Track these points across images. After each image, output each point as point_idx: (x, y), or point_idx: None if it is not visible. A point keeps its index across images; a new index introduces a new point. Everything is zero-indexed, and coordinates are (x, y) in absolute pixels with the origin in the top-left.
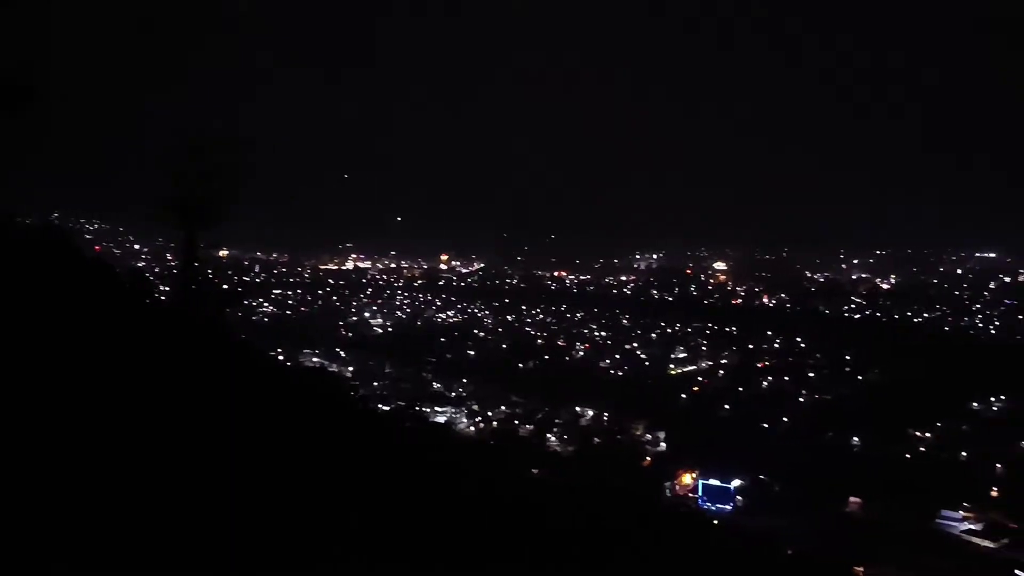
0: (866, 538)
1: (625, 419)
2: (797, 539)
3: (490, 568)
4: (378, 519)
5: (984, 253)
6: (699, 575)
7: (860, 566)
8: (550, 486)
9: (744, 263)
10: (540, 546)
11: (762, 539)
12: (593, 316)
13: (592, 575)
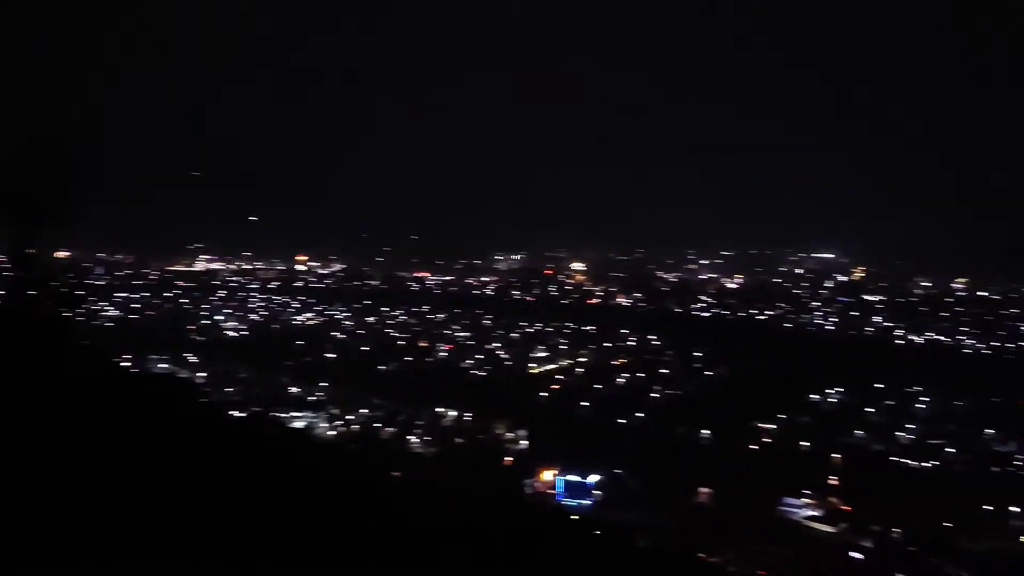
0: (715, 527)
1: (487, 419)
2: (651, 531)
3: (348, 572)
4: (231, 526)
5: (821, 254)
6: (556, 571)
7: (709, 555)
8: (409, 487)
9: (601, 264)
10: (398, 548)
11: (618, 532)
12: (455, 317)
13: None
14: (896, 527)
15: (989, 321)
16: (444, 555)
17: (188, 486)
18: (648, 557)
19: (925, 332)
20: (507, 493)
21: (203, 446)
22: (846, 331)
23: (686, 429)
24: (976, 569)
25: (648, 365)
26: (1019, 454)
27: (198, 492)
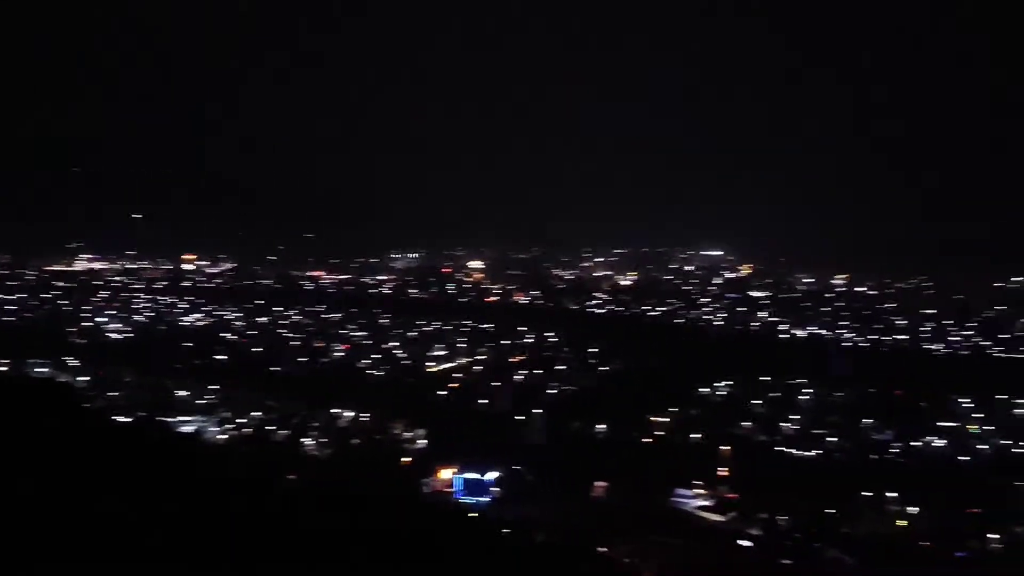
0: (610, 520)
1: (385, 419)
2: (548, 526)
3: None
4: (114, 531)
5: (709, 251)
6: (452, 569)
7: (604, 547)
8: (304, 490)
9: (498, 262)
10: (292, 550)
11: (515, 528)
12: (351, 316)
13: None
14: (782, 514)
15: (866, 315)
16: (339, 556)
17: (69, 492)
18: (545, 551)
19: (808, 326)
20: (404, 493)
21: (85, 453)
22: (734, 326)
23: (582, 424)
24: (856, 552)
25: (545, 362)
26: (895, 442)
27: (80, 498)
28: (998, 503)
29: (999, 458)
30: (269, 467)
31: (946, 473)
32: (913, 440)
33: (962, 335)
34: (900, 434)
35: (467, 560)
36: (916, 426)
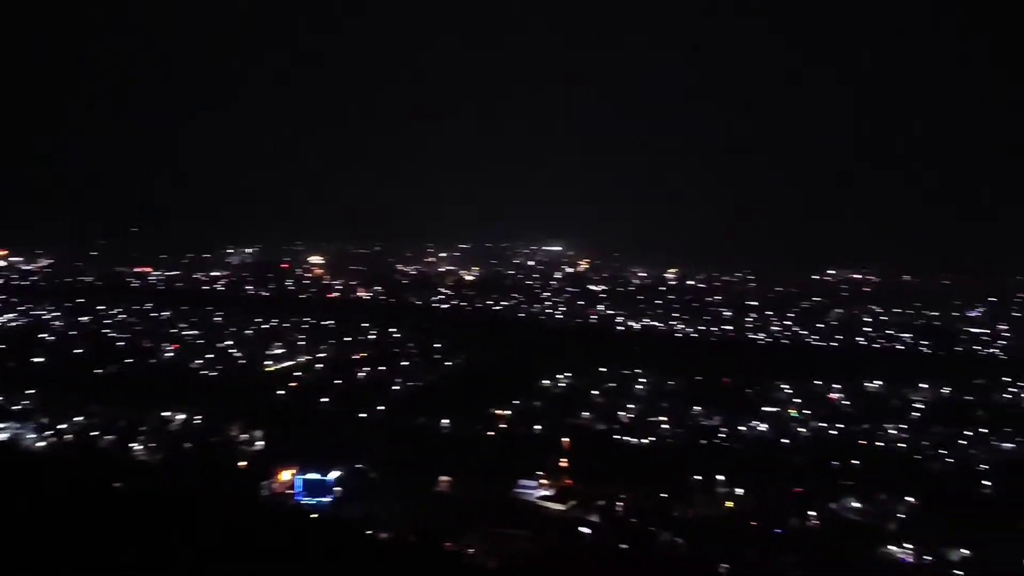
0: (455, 514)
1: (220, 421)
2: (393, 523)
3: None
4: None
5: (550, 247)
6: (292, 570)
7: (449, 542)
8: (131, 497)
9: (340, 258)
10: (120, 560)
11: (359, 527)
12: (182, 314)
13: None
14: (619, 501)
15: (696, 307)
16: (171, 563)
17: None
18: (389, 548)
19: (642, 319)
20: (240, 496)
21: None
22: (573, 319)
23: (427, 419)
24: (688, 534)
25: (389, 358)
26: (723, 427)
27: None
28: (816, 482)
29: (816, 440)
30: (91, 474)
31: (769, 456)
32: (739, 425)
33: (782, 325)
34: (727, 420)
35: (308, 561)
36: (742, 412)
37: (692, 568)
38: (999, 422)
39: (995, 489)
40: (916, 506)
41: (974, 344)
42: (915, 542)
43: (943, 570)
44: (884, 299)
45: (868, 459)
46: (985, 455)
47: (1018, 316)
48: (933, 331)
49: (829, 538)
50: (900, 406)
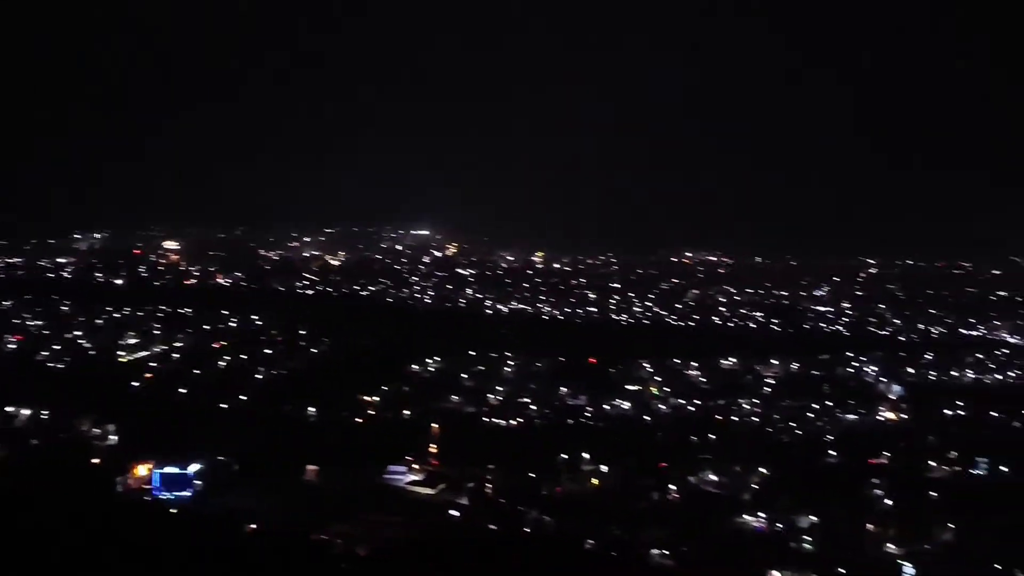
0: (323, 503)
1: (69, 415)
2: (258, 515)
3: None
4: None
5: (418, 230)
6: (151, 568)
7: (317, 531)
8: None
9: (198, 243)
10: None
11: (221, 520)
12: (25, 304)
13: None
14: (488, 483)
15: (562, 290)
16: (20, 565)
17: None
18: (254, 541)
19: (510, 302)
20: (93, 494)
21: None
22: (442, 303)
23: (292, 407)
24: (555, 512)
25: (251, 346)
26: (588, 407)
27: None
28: (676, 457)
29: (676, 416)
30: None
31: (632, 433)
32: (604, 404)
33: (643, 306)
34: (592, 399)
35: (166, 557)
36: (606, 391)
37: (559, 545)
38: (842, 395)
39: (839, 458)
40: (768, 476)
41: (820, 322)
42: (767, 511)
43: (793, 536)
44: (737, 280)
45: (724, 433)
46: (830, 426)
47: (860, 295)
48: (782, 311)
49: (689, 510)
50: (753, 382)
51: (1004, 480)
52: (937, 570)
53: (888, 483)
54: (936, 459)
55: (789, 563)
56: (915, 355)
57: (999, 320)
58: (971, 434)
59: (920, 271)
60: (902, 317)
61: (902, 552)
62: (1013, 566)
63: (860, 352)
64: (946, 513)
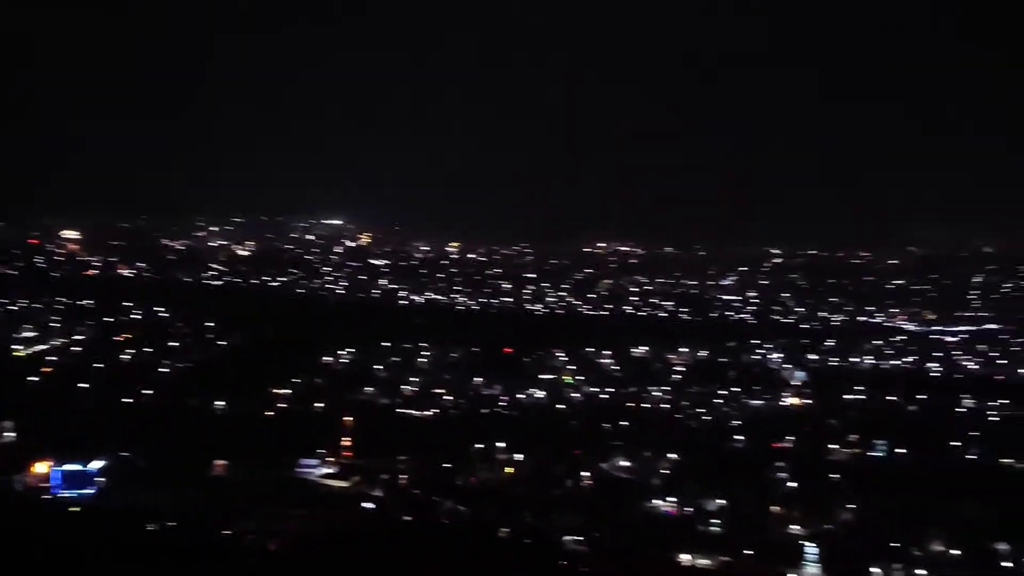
0: (232, 498)
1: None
2: (163, 512)
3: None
4: None
5: (330, 220)
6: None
7: (226, 527)
8: None
9: (98, 232)
10: None
11: (124, 518)
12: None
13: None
14: (402, 474)
15: (477, 280)
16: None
17: None
18: (159, 538)
19: (425, 292)
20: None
21: None
22: (356, 294)
23: (199, 401)
24: (470, 501)
25: (156, 338)
26: (502, 396)
27: None
28: (589, 444)
29: (589, 404)
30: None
31: (546, 421)
32: (518, 393)
33: (557, 296)
34: (507, 388)
35: (66, 555)
36: (521, 380)
37: (474, 534)
38: (748, 381)
39: (745, 442)
40: (677, 461)
41: (727, 311)
42: (677, 495)
43: (701, 520)
44: (648, 270)
45: (635, 420)
46: (737, 412)
47: (765, 284)
48: (691, 300)
49: (601, 496)
50: (663, 369)
51: (901, 461)
52: (838, 549)
53: (791, 466)
54: (837, 442)
55: (697, 545)
56: (817, 342)
57: (896, 308)
58: (870, 418)
59: (821, 261)
60: (805, 305)
61: (805, 532)
62: (909, 543)
63: (765, 340)
64: (846, 494)
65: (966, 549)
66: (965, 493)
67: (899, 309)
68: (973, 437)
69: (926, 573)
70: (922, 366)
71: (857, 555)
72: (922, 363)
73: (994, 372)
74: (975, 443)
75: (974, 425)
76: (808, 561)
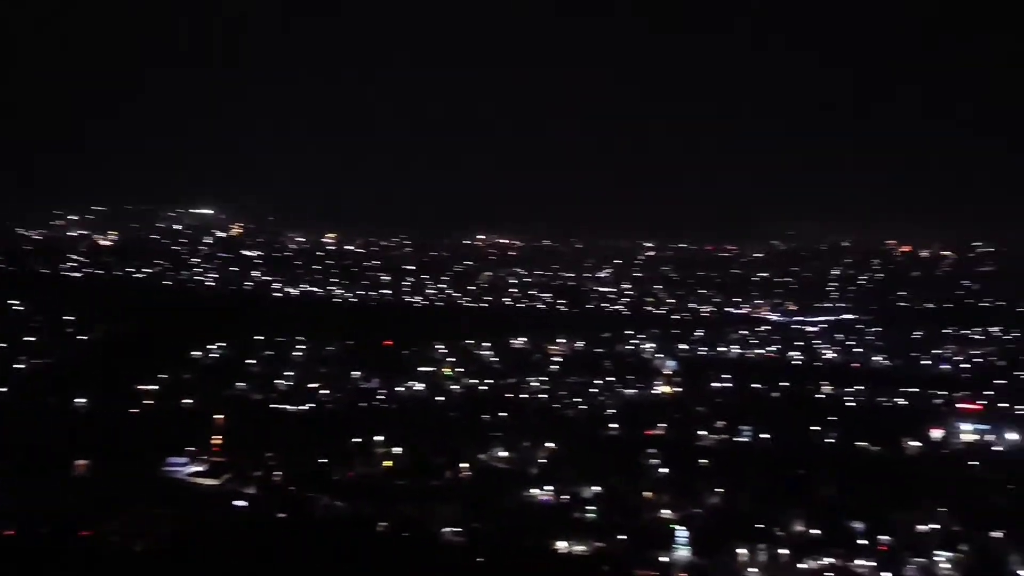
0: (95, 498)
1: None
2: (19, 515)
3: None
4: None
5: (199, 209)
6: None
7: (87, 529)
8: None
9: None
10: None
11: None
12: None
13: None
14: (277, 471)
15: (354, 272)
16: None
17: None
18: (12, 543)
19: (300, 284)
20: None
21: None
22: (227, 287)
23: (59, 398)
24: (347, 496)
25: (10, 333)
26: (381, 389)
27: None
28: (468, 436)
29: (468, 396)
30: None
31: (425, 413)
32: (397, 386)
33: (437, 288)
34: (386, 382)
35: None
36: (400, 373)
37: (351, 529)
38: (622, 371)
39: (619, 430)
40: (554, 450)
41: (602, 302)
42: (554, 483)
43: (577, 507)
44: (527, 262)
45: (514, 410)
46: (611, 401)
47: (638, 276)
48: (568, 291)
49: (479, 487)
50: (541, 360)
51: (765, 445)
52: (706, 531)
53: (663, 452)
54: (705, 428)
55: (573, 533)
56: (687, 332)
57: (760, 299)
58: (736, 404)
59: (691, 254)
60: (676, 297)
61: (676, 516)
62: (772, 524)
63: (638, 330)
64: (714, 478)
65: (825, 528)
66: (824, 475)
67: (763, 300)
68: (831, 422)
69: (788, 552)
70: (785, 355)
71: (724, 536)
72: (785, 352)
73: (851, 360)
74: (833, 428)
75: (832, 411)
76: (679, 544)
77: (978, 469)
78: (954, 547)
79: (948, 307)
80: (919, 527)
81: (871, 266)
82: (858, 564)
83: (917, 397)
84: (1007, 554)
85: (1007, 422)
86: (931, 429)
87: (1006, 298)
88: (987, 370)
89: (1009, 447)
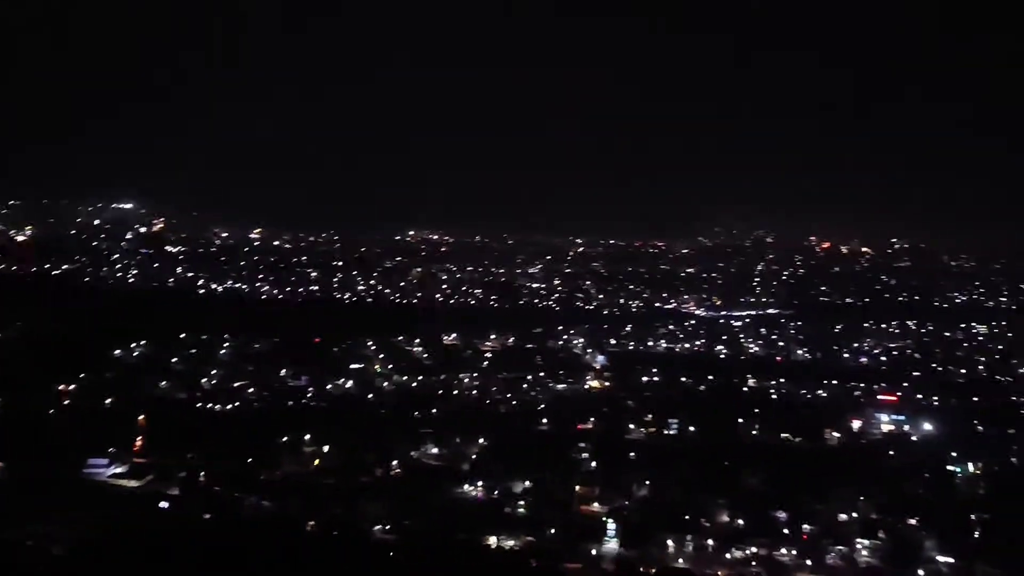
0: (11, 501)
1: None
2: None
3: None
4: None
5: (120, 204)
6: None
7: (4, 533)
8: None
9: None
10: None
11: None
12: None
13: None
14: (202, 471)
15: (282, 268)
16: None
17: None
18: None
19: (226, 281)
20: None
21: None
22: (149, 283)
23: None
24: (275, 496)
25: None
26: (310, 387)
27: None
28: (399, 433)
29: (399, 392)
30: None
31: (355, 411)
32: (326, 384)
33: (368, 284)
34: (315, 379)
35: None
36: (329, 371)
37: (279, 529)
38: (553, 366)
39: (550, 425)
40: (486, 446)
41: (534, 298)
42: (485, 479)
43: (508, 502)
44: (458, 258)
45: (445, 407)
46: (543, 396)
47: (568, 272)
48: (500, 287)
49: (410, 484)
50: (472, 356)
51: (692, 438)
52: (635, 523)
53: (593, 446)
54: (634, 422)
55: (504, 527)
56: (617, 328)
57: (687, 295)
58: (664, 398)
59: (620, 250)
60: (605, 293)
61: (605, 509)
62: (699, 515)
63: (569, 326)
64: (643, 471)
65: (749, 519)
66: (749, 466)
67: (690, 296)
68: (756, 414)
69: (714, 543)
70: (711, 349)
71: (652, 528)
72: (711, 346)
73: (774, 353)
74: (758, 420)
75: (757, 403)
76: (608, 536)
77: (895, 458)
78: (873, 534)
79: (867, 302)
80: (840, 515)
81: (794, 262)
82: (781, 553)
83: (838, 389)
84: (923, 540)
85: (923, 413)
86: (851, 420)
87: (921, 293)
88: (904, 363)
89: (924, 437)
